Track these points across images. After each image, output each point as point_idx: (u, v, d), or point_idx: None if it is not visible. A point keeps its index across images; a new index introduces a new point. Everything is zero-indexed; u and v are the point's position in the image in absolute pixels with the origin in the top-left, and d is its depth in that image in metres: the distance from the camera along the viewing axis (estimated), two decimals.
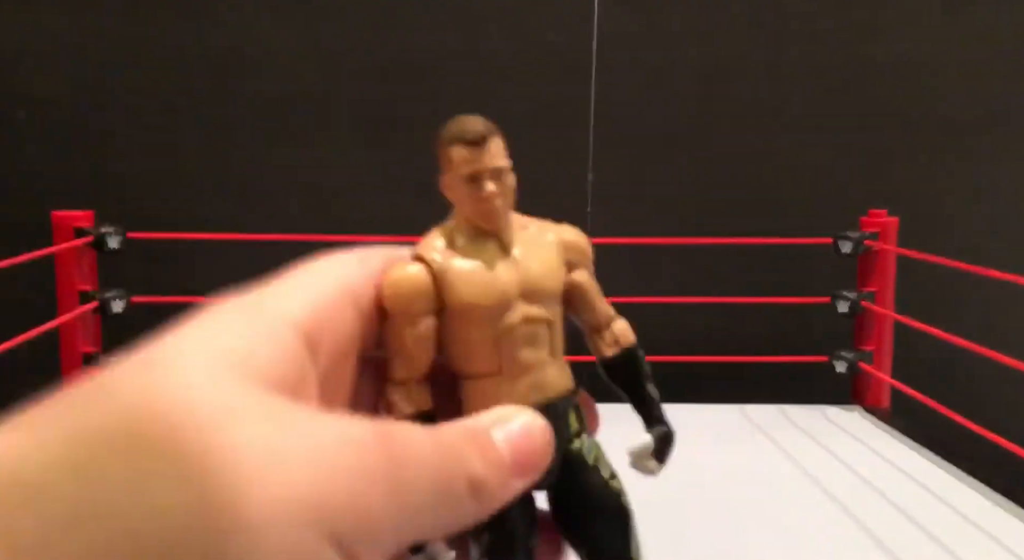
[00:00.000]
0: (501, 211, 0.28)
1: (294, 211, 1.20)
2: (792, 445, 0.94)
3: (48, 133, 1.18)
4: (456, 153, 0.28)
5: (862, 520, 0.76)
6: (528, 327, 0.28)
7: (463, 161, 0.28)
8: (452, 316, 0.27)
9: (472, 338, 0.27)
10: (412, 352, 0.27)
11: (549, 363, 0.28)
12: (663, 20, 1.21)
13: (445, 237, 0.28)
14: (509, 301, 0.27)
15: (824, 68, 1.23)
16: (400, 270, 0.27)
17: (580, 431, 0.29)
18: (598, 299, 0.30)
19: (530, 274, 0.28)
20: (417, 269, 0.27)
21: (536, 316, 0.28)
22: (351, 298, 0.25)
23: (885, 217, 1.11)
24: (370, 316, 0.26)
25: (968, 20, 1.24)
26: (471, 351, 0.28)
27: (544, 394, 0.28)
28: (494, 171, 0.28)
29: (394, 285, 0.27)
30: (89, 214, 1.02)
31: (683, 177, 1.23)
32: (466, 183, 0.28)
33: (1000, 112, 1.26)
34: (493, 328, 0.27)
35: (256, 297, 0.23)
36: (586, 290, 0.29)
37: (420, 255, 0.28)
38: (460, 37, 1.20)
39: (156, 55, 1.17)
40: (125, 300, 1.01)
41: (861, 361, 1.09)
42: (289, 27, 1.18)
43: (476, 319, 0.27)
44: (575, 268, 0.29)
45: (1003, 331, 1.20)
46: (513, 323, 0.27)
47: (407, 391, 0.27)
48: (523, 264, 0.28)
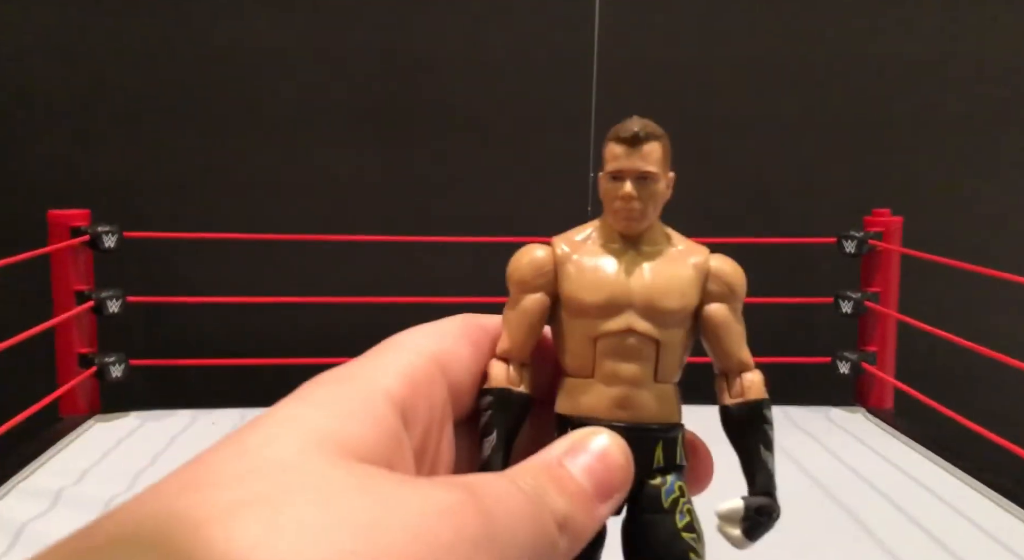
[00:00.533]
0: (638, 216, 0.27)
1: (292, 210, 1.19)
2: (795, 447, 0.93)
3: (45, 133, 1.17)
4: (609, 149, 0.28)
5: (865, 522, 0.75)
6: (630, 340, 0.26)
7: (612, 157, 0.27)
8: (561, 307, 0.27)
9: (573, 333, 0.27)
10: (514, 324, 0.27)
11: (648, 385, 0.27)
12: (664, 20, 1.21)
13: (585, 232, 0.28)
14: (617, 306, 0.26)
15: (826, 68, 1.22)
16: (527, 248, 0.28)
17: (668, 470, 0.27)
18: (733, 341, 0.27)
19: (650, 288, 0.27)
20: (542, 251, 0.28)
21: (642, 331, 0.26)
22: (440, 369, 0.25)
23: (889, 217, 1.10)
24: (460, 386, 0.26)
25: (971, 20, 1.23)
26: (569, 346, 0.27)
27: (632, 415, 0.26)
28: (640, 174, 0.27)
29: (517, 259, 0.28)
30: (85, 213, 1.01)
31: (685, 177, 1.21)
32: (609, 181, 0.28)
33: (1004, 112, 1.25)
34: (593, 328, 0.27)
35: (349, 370, 0.23)
36: (718, 326, 0.27)
37: (552, 241, 0.28)
38: (460, 37, 1.19)
39: (153, 55, 1.17)
40: (121, 300, 1.01)
41: (864, 362, 1.08)
42: (287, 27, 1.18)
43: (578, 314, 0.27)
44: (714, 300, 0.28)
45: (1007, 332, 1.19)
46: (613, 330, 0.26)
47: (505, 367, 0.27)
48: (648, 276, 0.27)
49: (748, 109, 1.22)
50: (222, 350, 1.10)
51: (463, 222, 1.13)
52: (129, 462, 0.87)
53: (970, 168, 1.26)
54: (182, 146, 1.18)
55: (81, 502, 0.77)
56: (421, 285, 1.11)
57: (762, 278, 1.25)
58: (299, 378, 0.25)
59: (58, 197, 1.05)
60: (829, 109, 1.23)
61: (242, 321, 1.18)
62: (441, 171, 1.20)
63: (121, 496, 0.78)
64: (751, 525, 0.27)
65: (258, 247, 1.13)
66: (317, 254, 1.15)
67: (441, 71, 1.19)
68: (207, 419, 0.99)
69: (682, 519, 0.27)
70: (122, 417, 1.00)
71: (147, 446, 0.91)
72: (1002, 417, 0.90)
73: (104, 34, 1.16)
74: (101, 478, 0.83)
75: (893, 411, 1.08)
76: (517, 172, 1.19)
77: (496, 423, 0.27)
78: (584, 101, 1.18)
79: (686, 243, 0.29)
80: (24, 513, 0.74)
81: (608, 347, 0.27)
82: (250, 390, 1.06)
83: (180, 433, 0.95)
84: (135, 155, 1.18)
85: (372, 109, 1.19)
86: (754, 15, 1.21)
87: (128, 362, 1.02)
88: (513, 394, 0.27)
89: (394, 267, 1.18)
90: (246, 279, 1.17)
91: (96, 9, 1.15)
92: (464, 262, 1.16)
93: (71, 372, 0.99)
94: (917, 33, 1.23)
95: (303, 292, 1.11)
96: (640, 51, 1.20)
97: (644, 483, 0.27)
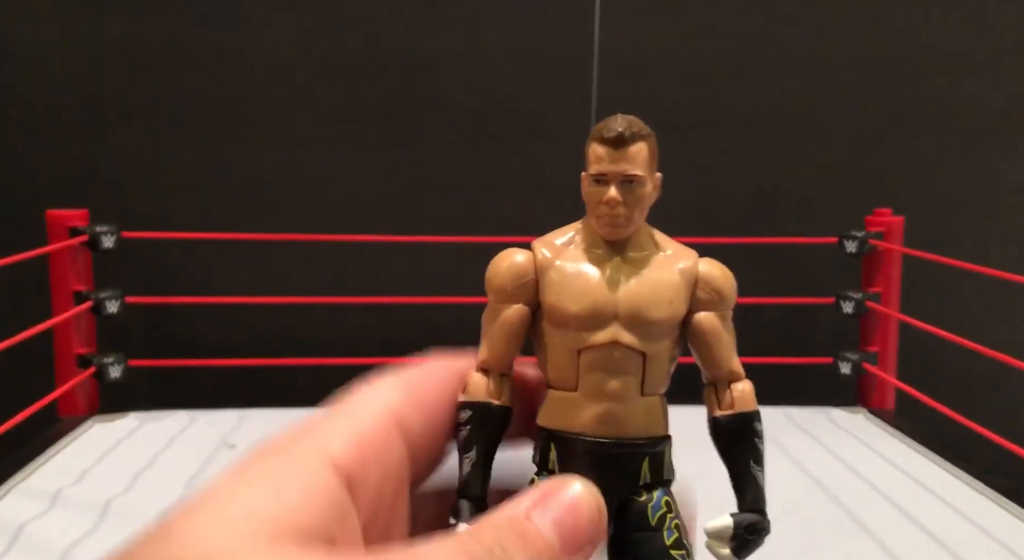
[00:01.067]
0: (622, 221, 0.26)
1: (290, 211, 1.19)
2: (796, 448, 0.93)
3: (43, 132, 1.17)
4: (592, 150, 0.26)
5: (866, 522, 0.75)
6: (615, 353, 0.25)
7: (596, 159, 0.26)
8: (543, 315, 0.26)
9: (555, 344, 0.26)
10: (494, 335, 0.26)
11: (634, 399, 0.25)
12: (665, 20, 1.20)
13: (567, 235, 0.27)
14: (601, 318, 0.25)
15: (828, 67, 1.22)
16: (506, 252, 0.27)
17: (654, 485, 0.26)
18: (722, 350, 0.26)
19: (636, 297, 0.25)
20: (522, 256, 0.26)
21: (627, 344, 0.25)
22: (397, 427, 0.24)
23: (890, 216, 1.09)
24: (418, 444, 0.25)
25: (973, 19, 1.23)
26: (551, 358, 0.26)
27: (617, 430, 0.25)
28: (624, 177, 0.26)
29: (495, 265, 0.27)
30: (84, 213, 1.01)
31: (686, 177, 1.21)
32: (592, 183, 0.26)
33: (1006, 111, 1.25)
34: (576, 341, 0.25)
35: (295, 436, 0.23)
36: (707, 335, 0.26)
37: (532, 245, 0.27)
38: (460, 37, 1.19)
39: (151, 55, 1.16)
40: (120, 300, 1.00)
41: (866, 362, 1.08)
42: (286, 27, 1.17)
43: (560, 324, 0.26)
44: (703, 308, 0.26)
45: (1010, 332, 1.19)
46: (598, 343, 0.25)
47: (485, 379, 0.26)
48: (634, 284, 0.26)
49: (749, 109, 1.22)
50: (222, 350, 1.10)
51: (463, 222, 1.13)
52: (128, 463, 0.86)
53: (972, 168, 1.26)
54: (181, 146, 1.18)
55: (80, 503, 0.77)
56: (421, 285, 1.11)
57: (762, 278, 1.25)
58: (299, 378, 0.25)
59: (56, 197, 1.04)
60: (830, 108, 1.23)
61: (242, 321, 1.18)
62: (441, 171, 1.20)
63: (120, 497, 0.78)
64: (740, 543, 0.26)
65: (257, 247, 1.13)
66: (317, 254, 1.15)
67: (441, 71, 1.19)
68: (207, 419, 0.99)
69: (670, 536, 0.26)
70: (121, 418, 1.00)
71: (146, 447, 0.91)
72: (1004, 418, 0.90)
73: (103, 33, 1.15)
74: (100, 479, 0.83)
75: (894, 412, 1.08)
76: (518, 172, 1.18)
77: (475, 439, 0.26)
78: (584, 101, 1.17)
79: (674, 247, 0.27)
80: (23, 514, 0.74)
81: (592, 360, 0.26)
82: (250, 390, 1.06)
83: (179, 433, 0.95)
84: (134, 155, 1.18)
85: (372, 109, 1.19)
86: (755, 15, 1.21)
87: (127, 362, 1.01)
88: (493, 408, 0.26)
89: (394, 267, 1.18)
90: (246, 279, 1.16)
91: (95, 9, 1.15)
92: (464, 262, 1.16)
93: (70, 372, 0.99)
94: (918, 33, 1.22)
95: (303, 292, 1.11)
96: (640, 51, 1.19)
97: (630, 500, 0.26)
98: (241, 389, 1.06)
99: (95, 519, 0.74)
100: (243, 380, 1.07)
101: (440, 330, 0.88)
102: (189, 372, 1.11)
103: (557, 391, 0.26)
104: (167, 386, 1.15)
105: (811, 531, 0.73)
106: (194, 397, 1.06)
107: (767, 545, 0.27)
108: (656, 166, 0.27)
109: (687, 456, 0.29)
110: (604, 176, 0.26)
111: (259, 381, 1.07)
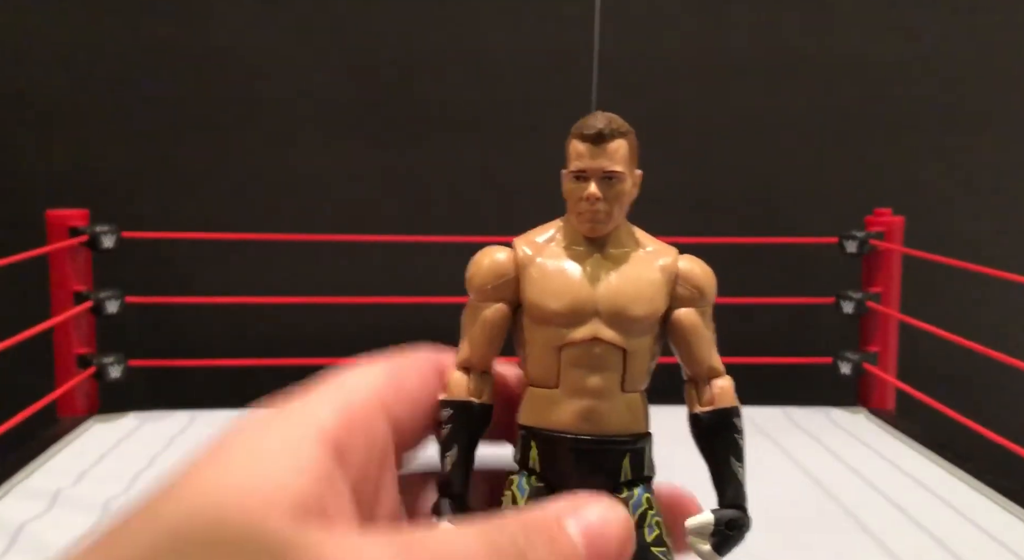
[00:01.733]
0: (603, 218, 0.26)
1: (290, 211, 1.19)
2: (796, 447, 0.93)
3: (42, 132, 1.17)
4: (572, 147, 0.27)
5: (866, 522, 0.75)
6: (596, 349, 0.25)
7: (576, 156, 0.27)
8: (524, 313, 0.27)
9: (536, 341, 0.26)
10: (475, 334, 0.26)
11: (615, 396, 0.26)
12: (664, 20, 1.20)
13: (548, 233, 0.27)
14: (582, 314, 0.25)
15: (827, 68, 1.22)
16: (487, 250, 0.27)
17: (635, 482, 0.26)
18: (702, 346, 0.27)
19: (616, 294, 0.26)
20: (503, 254, 0.27)
21: (608, 340, 0.25)
22: (381, 409, 0.24)
23: (890, 216, 1.09)
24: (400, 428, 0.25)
25: (973, 19, 1.23)
26: (532, 354, 0.26)
27: (597, 427, 0.25)
28: (604, 174, 0.26)
29: (476, 263, 0.27)
30: (84, 213, 1.00)
31: (686, 177, 1.21)
32: (572, 180, 0.27)
33: (1006, 111, 1.25)
34: (557, 337, 0.26)
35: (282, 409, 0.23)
36: (687, 332, 0.26)
37: (513, 243, 0.27)
38: (460, 37, 1.19)
39: (152, 55, 1.16)
40: (120, 300, 1.00)
41: (866, 362, 1.08)
42: (286, 27, 1.17)
43: (541, 321, 0.26)
44: (683, 304, 0.26)
45: (1011, 332, 1.19)
46: (578, 339, 0.25)
47: (465, 377, 0.26)
48: (614, 282, 0.26)
49: (749, 109, 1.22)
50: (221, 350, 1.10)
51: (464, 222, 1.13)
52: (128, 463, 0.86)
53: (973, 168, 1.26)
54: (181, 146, 1.18)
55: (80, 503, 0.77)
56: (421, 285, 1.11)
57: (763, 278, 1.25)
58: (298, 378, 0.25)
59: (56, 197, 1.04)
60: (831, 108, 1.23)
61: (242, 321, 1.17)
62: (441, 171, 1.20)
63: (120, 497, 0.78)
64: (721, 539, 0.26)
65: (258, 247, 1.13)
66: (317, 254, 1.15)
67: (441, 71, 1.19)
68: (206, 420, 0.99)
69: (651, 532, 0.26)
70: (121, 418, 1.00)
71: (146, 447, 0.91)
72: (1005, 418, 0.90)
73: (103, 33, 1.15)
74: (100, 479, 0.83)
75: (895, 412, 1.08)
76: (517, 172, 1.18)
77: (456, 437, 0.26)
78: (584, 101, 1.17)
79: (654, 244, 0.27)
80: (22, 514, 0.74)
81: (573, 357, 0.26)
82: (250, 391, 1.05)
83: (179, 434, 0.95)
84: (134, 155, 1.18)
85: (372, 109, 1.19)
86: (756, 15, 1.21)
87: (127, 362, 1.01)
88: (474, 407, 0.26)
89: (394, 267, 1.18)
90: (245, 279, 1.16)
91: (95, 8, 1.15)
92: (465, 262, 1.16)
93: (69, 372, 0.98)
94: (919, 33, 1.22)
95: (303, 292, 1.10)
96: (640, 50, 1.19)
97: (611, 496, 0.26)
98: (241, 389, 1.06)
99: (95, 519, 0.74)
100: (243, 380, 1.07)
101: (440, 330, 0.87)
102: (189, 372, 1.11)
103: (538, 388, 0.26)
104: (167, 386, 1.15)
105: (811, 531, 0.73)
106: (194, 397, 1.06)
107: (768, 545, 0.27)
108: (636, 163, 0.27)
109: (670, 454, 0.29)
110: (584, 172, 0.26)
111: (259, 381, 1.07)
